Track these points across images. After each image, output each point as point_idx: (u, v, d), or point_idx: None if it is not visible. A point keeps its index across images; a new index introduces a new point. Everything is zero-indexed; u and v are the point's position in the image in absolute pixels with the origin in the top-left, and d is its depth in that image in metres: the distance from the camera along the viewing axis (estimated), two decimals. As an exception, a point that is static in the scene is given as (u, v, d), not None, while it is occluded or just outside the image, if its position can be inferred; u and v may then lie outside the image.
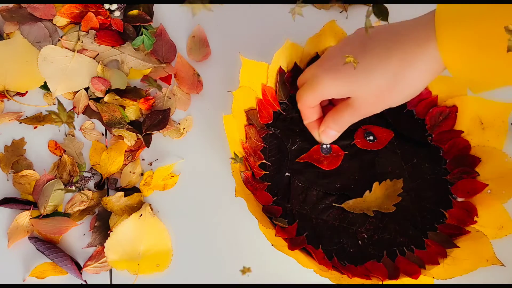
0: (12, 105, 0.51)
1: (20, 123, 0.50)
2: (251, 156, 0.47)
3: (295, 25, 0.51)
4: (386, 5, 0.54)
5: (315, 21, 0.50)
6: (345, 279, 0.43)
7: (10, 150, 0.50)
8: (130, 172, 0.49)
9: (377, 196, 0.47)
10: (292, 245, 0.43)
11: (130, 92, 0.51)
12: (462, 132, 0.48)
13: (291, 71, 0.49)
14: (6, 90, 0.50)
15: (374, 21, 0.48)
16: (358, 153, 0.49)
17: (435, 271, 0.44)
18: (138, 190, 0.49)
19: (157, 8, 0.54)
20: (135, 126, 0.50)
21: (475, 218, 0.45)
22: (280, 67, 0.48)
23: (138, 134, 0.49)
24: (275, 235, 0.43)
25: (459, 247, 0.44)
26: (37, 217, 0.47)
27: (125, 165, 0.49)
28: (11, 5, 0.52)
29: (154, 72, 0.52)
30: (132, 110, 0.51)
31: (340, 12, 0.54)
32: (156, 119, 0.50)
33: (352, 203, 0.47)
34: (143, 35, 0.51)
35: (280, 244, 0.43)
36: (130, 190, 0.49)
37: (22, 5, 0.52)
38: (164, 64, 0.52)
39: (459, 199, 0.48)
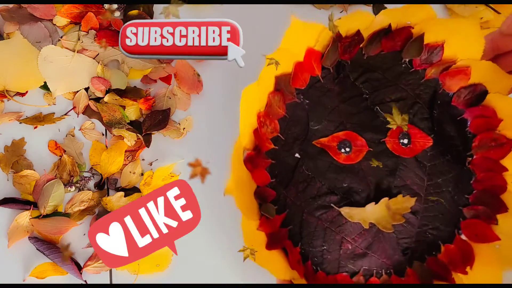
0: (12, 105, 0.51)
1: (20, 123, 0.50)
2: (264, 126, 0.42)
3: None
4: (386, 5, 0.55)
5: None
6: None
7: (10, 150, 0.50)
8: (130, 172, 0.49)
9: (381, 210, 0.43)
10: (271, 242, 0.40)
11: (130, 92, 0.51)
12: (506, 170, 0.43)
13: (351, 37, 0.43)
14: (6, 90, 0.50)
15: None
16: (383, 153, 0.44)
17: None
18: (138, 190, 0.49)
19: (157, 8, 0.54)
20: (135, 126, 0.50)
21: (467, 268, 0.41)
22: (339, 32, 0.42)
23: (138, 134, 0.49)
24: (257, 229, 0.40)
25: None
26: (37, 217, 0.47)
27: (125, 165, 0.49)
28: (11, 5, 0.52)
29: (154, 72, 0.52)
30: (132, 110, 0.51)
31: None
32: (156, 119, 0.50)
33: (349, 211, 0.43)
34: (143, 35, 0.52)
35: (257, 243, 0.40)
36: (130, 190, 0.49)
37: (22, 5, 0.52)
38: (164, 64, 0.52)
39: (463, 237, 0.44)
